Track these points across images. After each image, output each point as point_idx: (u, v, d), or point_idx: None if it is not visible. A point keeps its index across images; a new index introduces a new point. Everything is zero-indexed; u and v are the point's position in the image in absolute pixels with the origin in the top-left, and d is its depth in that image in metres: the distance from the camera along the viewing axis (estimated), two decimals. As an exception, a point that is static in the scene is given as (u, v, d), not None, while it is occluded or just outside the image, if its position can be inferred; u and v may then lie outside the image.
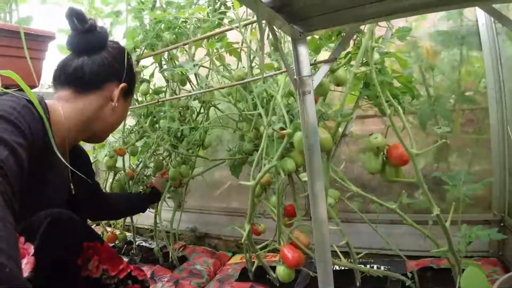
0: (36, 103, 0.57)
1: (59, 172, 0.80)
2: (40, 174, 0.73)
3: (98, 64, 0.85)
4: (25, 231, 0.65)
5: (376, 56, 0.92)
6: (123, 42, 1.19)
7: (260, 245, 1.15)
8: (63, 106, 0.80)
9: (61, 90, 0.84)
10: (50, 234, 0.65)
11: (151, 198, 1.43)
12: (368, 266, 1.24)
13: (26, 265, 0.59)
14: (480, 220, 1.18)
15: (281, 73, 0.96)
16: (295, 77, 0.78)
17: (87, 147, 1.05)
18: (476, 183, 0.91)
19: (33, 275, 0.60)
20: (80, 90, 0.84)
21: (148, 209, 1.61)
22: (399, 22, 1.08)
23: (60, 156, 0.59)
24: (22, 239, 0.63)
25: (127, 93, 0.93)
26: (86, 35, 0.85)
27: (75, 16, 0.81)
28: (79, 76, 0.83)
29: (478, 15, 1.20)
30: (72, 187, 0.89)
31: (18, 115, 0.61)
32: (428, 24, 1.27)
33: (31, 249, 0.62)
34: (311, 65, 0.81)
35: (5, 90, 0.66)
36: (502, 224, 1.19)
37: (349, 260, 1.10)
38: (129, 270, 0.77)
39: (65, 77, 0.84)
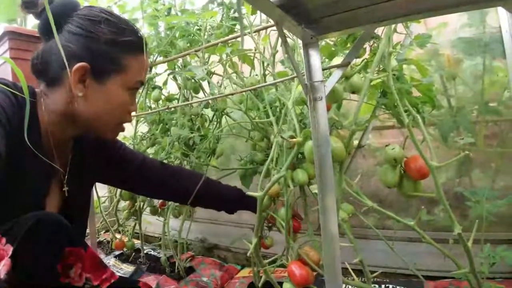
0: (25, 87, 0.52)
1: (40, 161, 0.72)
2: (19, 163, 0.68)
3: (47, 51, 0.71)
4: (7, 233, 0.61)
5: (394, 62, 0.88)
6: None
7: (269, 260, 1.10)
8: (44, 98, 0.75)
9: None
10: (30, 237, 0.62)
11: (245, 203, 1.14)
12: (383, 286, 1.19)
13: (3, 267, 0.56)
14: (505, 239, 1.10)
15: (292, 78, 0.92)
16: (306, 82, 0.75)
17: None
18: (500, 200, 0.85)
19: (8, 278, 0.57)
20: (45, 83, 0.74)
21: (157, 218, 1.59)
22: (419, 29, 1.03)
23: (31, 146, 0.54)
24: (3, 240, 0.60)
25: (99, 73, 0.72)
26: (41, 18, 0.73)
27: (25, 5, 0.72)
28: (35, 69, 0.74)
29: (501, 21, 1.14)
30: (65, 178, 0.83)
31: None
32: (450, 31, 1.22)
33: (10, 250, 0.59)
34: (323, 70, 0.77)
35: None
36: (528, 244, 1.11)
37: (363, 279, 1.04)
38: (113, 281, 0.72)
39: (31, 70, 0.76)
